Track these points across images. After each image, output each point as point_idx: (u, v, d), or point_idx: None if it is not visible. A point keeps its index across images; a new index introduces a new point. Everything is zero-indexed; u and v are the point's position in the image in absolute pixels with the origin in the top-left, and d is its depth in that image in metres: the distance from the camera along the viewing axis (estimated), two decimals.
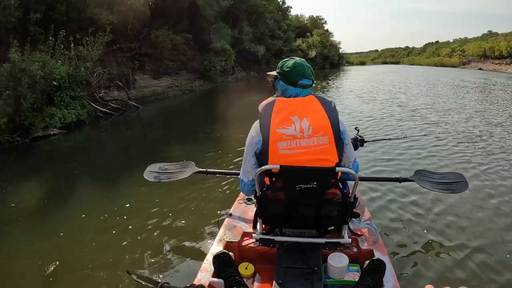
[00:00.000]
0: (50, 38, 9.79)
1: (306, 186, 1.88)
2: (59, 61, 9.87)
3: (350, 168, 2.01)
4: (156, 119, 11.97)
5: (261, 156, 1.96)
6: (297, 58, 2.12)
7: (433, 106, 12.39)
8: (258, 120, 1.99)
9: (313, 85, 2.09)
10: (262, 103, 2.03)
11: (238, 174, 2.28)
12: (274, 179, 1.97)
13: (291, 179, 1.90)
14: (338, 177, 2.00)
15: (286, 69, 2.03)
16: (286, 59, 2.13)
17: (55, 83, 9.33)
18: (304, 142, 1.88)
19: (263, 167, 1.89)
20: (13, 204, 4.73)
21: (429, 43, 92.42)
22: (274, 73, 2.16)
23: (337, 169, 1.88)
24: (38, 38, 10.40)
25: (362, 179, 2.95)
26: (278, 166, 1.86)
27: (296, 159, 1.88)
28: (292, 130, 1.88)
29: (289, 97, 2.02)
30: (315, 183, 1.88)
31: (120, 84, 13.44)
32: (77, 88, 10.30)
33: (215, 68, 21.65)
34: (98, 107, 11.24)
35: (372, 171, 5.55)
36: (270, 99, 2.04)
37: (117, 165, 6.95)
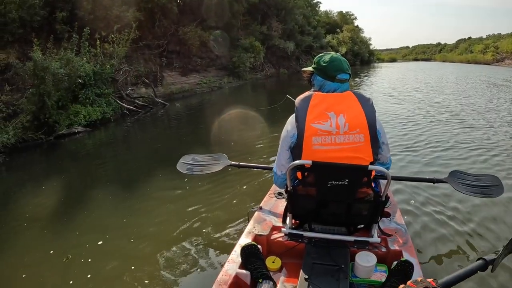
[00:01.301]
0: (74, 35, 9.59)
1: (337, 183, 1.84)
2: (84, 58, 9.68)
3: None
4: (184, 116, 11.59)
5: (295, 150, 1.93)
6: (333, 53, 2.07)
7: (471, 107, 11.04)
8: (294, 113, 1.95)
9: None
10: (299, 97, 1.98)
11: (271, 168, 2.42)
12: (306, 174, 1.92)
13: (323, 175, 1.87)
14: (372, 176, 1.92)
15: (323, 64, 1.99)
16: (322, 53, 2.08)
17: (80, 81, 9.13)
18: (339, 138, 1.84)
19: (295, 162, 1.86)
20: (20, 211, 4.46)
21: (461, 39, 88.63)
22: (309, 68, 2.12)
23: (370, 167, 1.81)
24: (62, 36, 10.24)
25: (395, 178, 2.76)
26: (310, 162, 1.81)
27: (329, 155, 1.84)
28: (328, 126, 1.84)
29: (327, 92, 1.98)
30: (346, 180, 1.83)
31: (147, 81, 13.20)
32: (103, 85, 10.06)
33: (244, 64, 21.26)
34: (124, 104, 11.00)
35: (405, 170, 5.22)
36: (307, 93, 1.99)
37: (143, 161, 6.65)
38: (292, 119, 1.96)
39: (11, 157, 7.02)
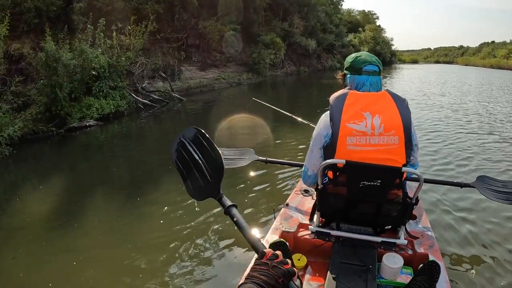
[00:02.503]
0: (88, 26, 9.23)
1: (369, 183, 1.80)
2: (99, 49, 9.31)
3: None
4: (201, 112, 11.13)
5: (328, 150, 1.87)
6: (361, 52, 2.07)
7: (502, 117, 9.84)
8: (328, 112, 1.89)
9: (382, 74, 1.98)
10: (334, 94, 1.91)
11: (298, 165, 2.54)
12: (338, 173, 1.86)
13: (355, 175, 1.81)
14: (404, 178, 1.86)
15: (350, 60, 1.99)
16: (350, 55, 2.08)
17: (94, 73, 8.77)
18: (374, 140, 1.78)
19: (328, 160, 1.81)
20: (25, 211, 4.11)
21: (484, 43, 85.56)
22: (341, 73, 2.11)
23: (403, 169, 1.76)
24: (79, 27, 9.86)
25: (424, 180, 2.47)
26: (343, 161, 1.77)
27: (363, 156, 1.78)
28: (363, 126, 1.78)
29: (356, 86, 1.92)
30: (379, 181, 1.79)
31: (163, 75, 12.79)
32: (117, 78, 9.68)
33: (264, 61, 20.72)
34: (139, 98, 10.63)
35: (432, 174, 5.07)
36: (342, 91, 1.92)
37: (156, 159, 6.28)
38: (326, 117, 1.89)
39: (21, 148, 6.78)
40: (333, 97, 1.90)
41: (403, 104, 1.85)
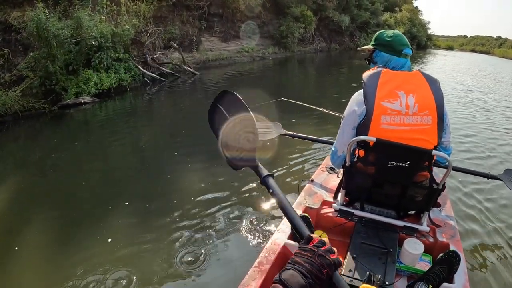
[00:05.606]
0: None
1: (398, 164, 1.70)
2: (103, 17, 8.16)
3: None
4: (215, 88, 9.82)
5: (361, 129, 1.73)
6: (391, 30, 1.93)
7: None
8: (361, 90, 1.78)
9: None
10: (367, 72, 1.81)
11: (325, 142, 2.76)
12: (367, 151, 1.75)
13: (385, 154, 1.71)
14: (433, 161, 1.73)
15: (388, 39, 1.86)
16: (381, 30, 1.94)
17: (93, 42, 7.67)
18: (408, 119, 1.67)
19: (359, 137, 1.69)
20: None
21: None
22: (369, 46, 1.96)
23: (433, 152, 1.64)
24: None
25: (453, 168, 2.30)
26: (374, 139, 1.65)
27: (397, 135, 1.67)
28: (398, 105, 1.67)
29: (392, 68, 1.82)
30: (407, 162, 1.68)
31: (175, 45, 11.52)
32: (121, 48, 8.54)
33: (293, 35, 19.11)
34: (146, 71, 9.51)
35: (458, 160, 4.87)
36: (375, 69, 1.82)
37: (161, 148, 5.44)
38: (359, 96, 1.76)
39: (14, 126, 6.20)
40: (366, 74, 1.79)
41: (436, 85, 1.74)
